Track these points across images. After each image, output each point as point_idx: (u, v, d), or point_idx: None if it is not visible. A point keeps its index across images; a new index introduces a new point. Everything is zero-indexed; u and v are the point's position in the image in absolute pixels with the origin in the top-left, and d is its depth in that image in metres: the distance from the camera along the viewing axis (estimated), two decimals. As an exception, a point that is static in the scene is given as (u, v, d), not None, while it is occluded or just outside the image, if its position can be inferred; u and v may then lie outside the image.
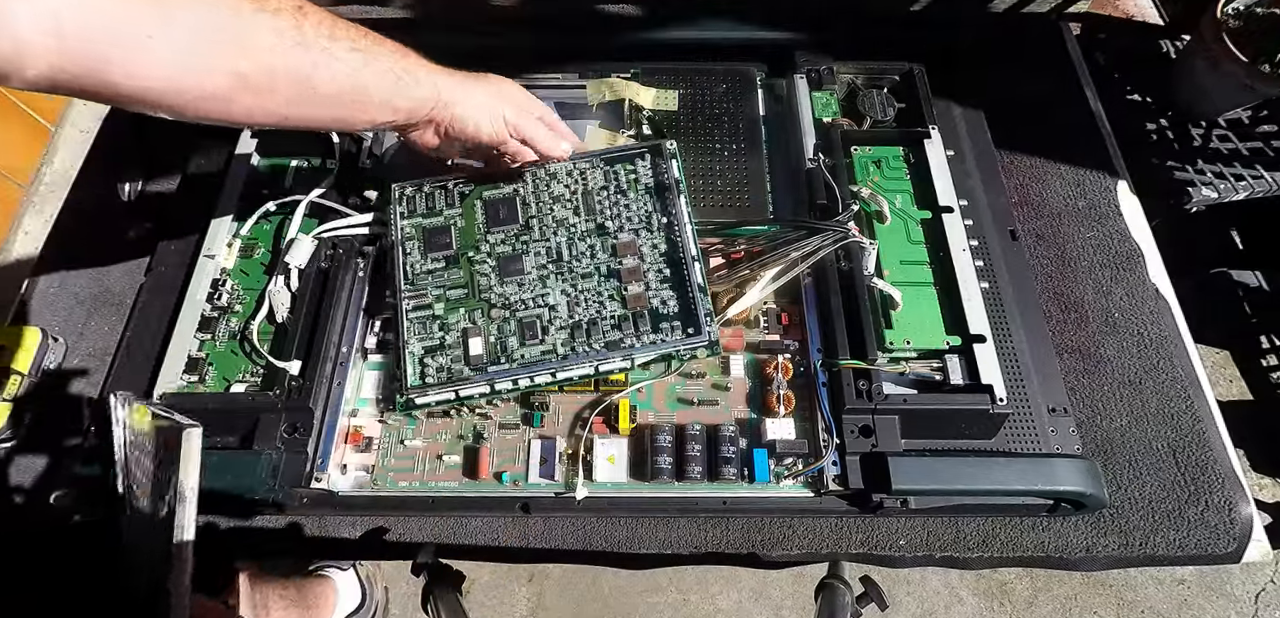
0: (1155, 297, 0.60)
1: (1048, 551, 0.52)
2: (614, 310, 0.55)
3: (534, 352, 0.53)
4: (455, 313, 0.55)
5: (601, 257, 0.57)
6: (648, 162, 0.61)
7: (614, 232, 0.58)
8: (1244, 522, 0.51)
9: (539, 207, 0.60)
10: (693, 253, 0.56)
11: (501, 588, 1.11)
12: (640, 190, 0.60)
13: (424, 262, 0.58)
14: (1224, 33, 0.84)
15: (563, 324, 0.54)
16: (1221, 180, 0.90)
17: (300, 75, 0.43)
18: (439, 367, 0.54)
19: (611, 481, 0.51)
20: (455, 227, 0.60)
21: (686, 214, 0.58)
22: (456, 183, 0.62)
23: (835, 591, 0.52)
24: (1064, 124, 0.70)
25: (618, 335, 0.54)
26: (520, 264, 0.57)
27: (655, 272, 0.56)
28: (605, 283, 0.56)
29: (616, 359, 0.53)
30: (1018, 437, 0.53)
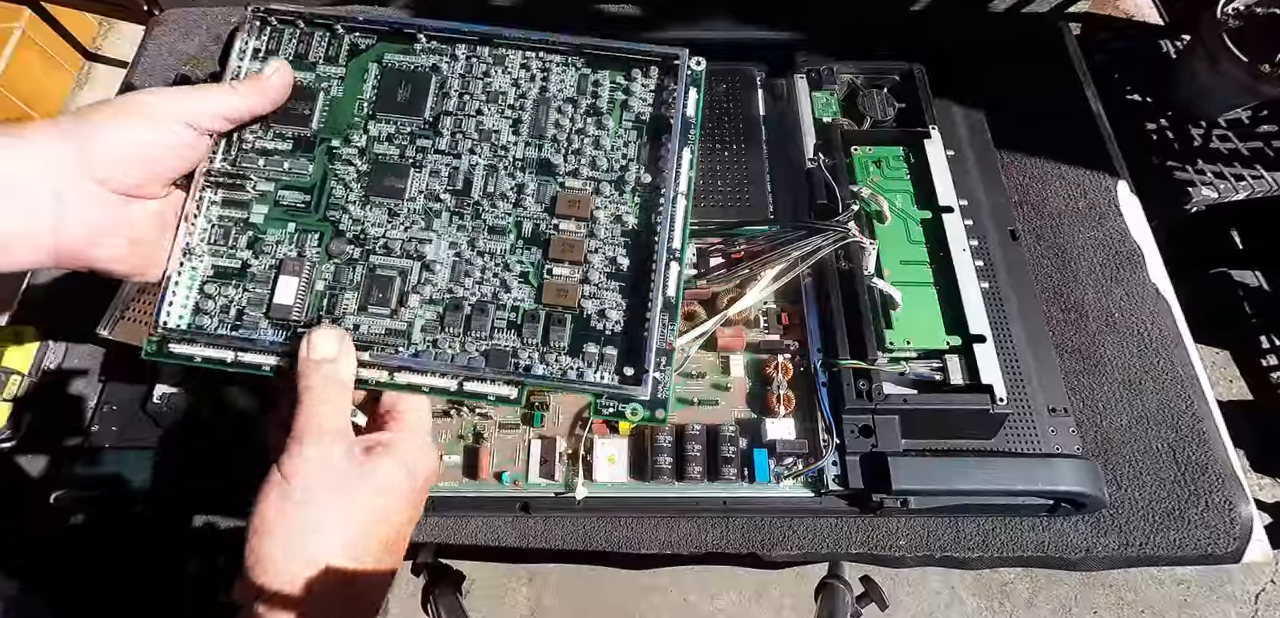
0: (1155, 297, 0.60)
1: (1048, 551, 0.52)
2: (520, 299, 0.38)
3: (375, 326, 0.37)
4: (279, 229, 0.39)
5: (530, 207, 0.39)
6: (652, 79, 0.42)
7: (562, 173, 0.40)
8: (1244, 522, 0.51)
9: (463, 100, 0.41)
10: (675, 246, 0.38)
11: (501, 588, 1.11)
12: (626, 121, 0.41)
13: (263, 131, 0.40)
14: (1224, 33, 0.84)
15: (434, 296, 0.38)
16: (1221, 180, 0.91)
17: None
18: (225, 304, 0.38)
19: (611, 480, 0.51)
20: (326, 94, 0.41)
21: (686, 180, 0.39)
22: (355, 27, 0.42)
23: (835, 591, 0.52)
24: (1064, 124, 0.70)
25: (509, 342, 0.37)
26: (401, 182, 0.39)
27: (605, 256, 0.39)
28: (522, 251, 0.39)
29: (490, 381, 0.36)
30: (1018, 437, 0.53)
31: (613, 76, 0.42)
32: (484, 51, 0.42)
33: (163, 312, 0.38)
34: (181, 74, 0.75)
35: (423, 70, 0.42)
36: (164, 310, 0.38)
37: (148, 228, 0.38)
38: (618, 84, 0.42)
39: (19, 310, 0.63)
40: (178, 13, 0.80)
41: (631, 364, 0.37)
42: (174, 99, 0.37)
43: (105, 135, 0.35)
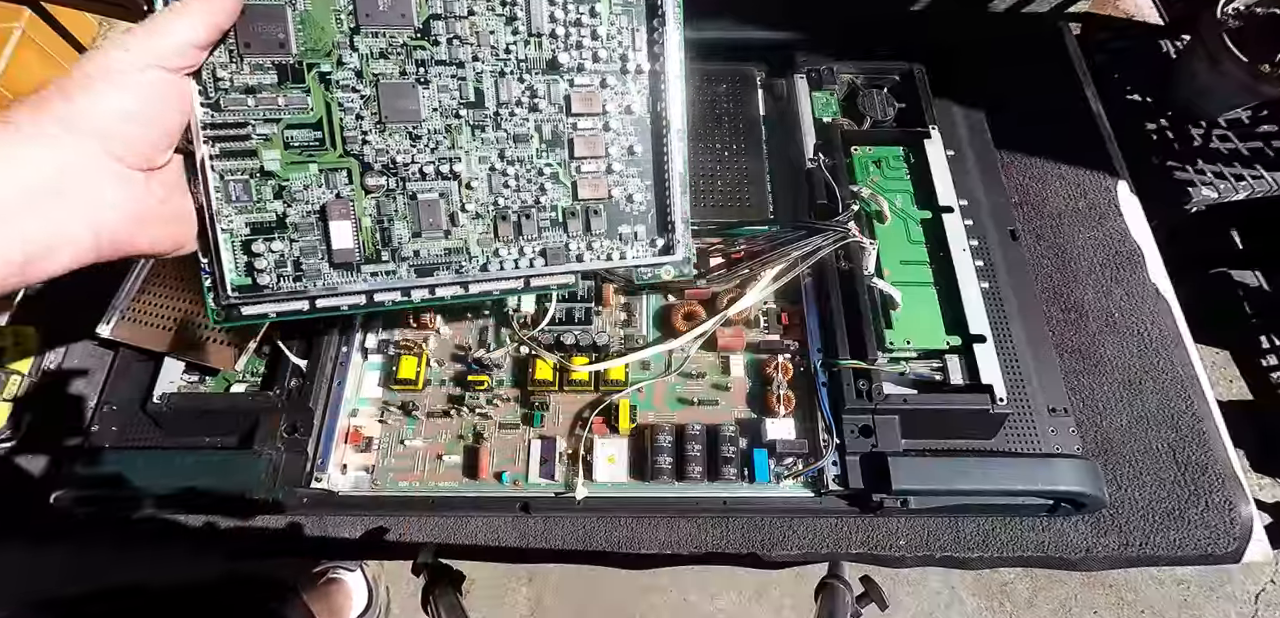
0: (1155, 297, 0.60)
1: (1048, 551, 0.52)
2: (557, 198, 0.40)
3: (434, 248, 0.39)
4: (302, 172, 0.38)
5: (547, 111, 0.41)
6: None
7: (568, 70, 0.41)
8: (1244, 522, 0.51)
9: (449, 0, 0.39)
10: (678, 125, 0.41)
11: (501, 588, 1.11)
12: (617, 7, 0.41)
13: (238, 65, 0.37)
14: (1224, 33, 0.84)
15: (480, 210, 0.40)
16: (1221, 180, 0.91)
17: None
18: (278, 258, 0.37)
19: (611, 480, 0.51)
20: (295, 7, 0.37)
21: (679, 62, 0.41)
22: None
23: (835, 591, 0.52)
24: (1064, 124, 0.70)
25: (560, 238, 0.40)
26: (412, 102, 0.39)
27: (622, 146, 0.41)
28: (549, 153, 0.41)
29: (556, 271, 0.40)
30: (1018, 437, 0.53)
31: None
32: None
33: (225, 277, 0.37)
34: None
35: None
36: (224, 278, 0.37)
37: (172, 198, 0.37)
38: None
39: (19, 310, 0.63)
40: (178, 13, 0.80)
41: (662, 236, 0.42)
42: (136, 50, 0.34)
43: (103, 109, 0.33)
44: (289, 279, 0.38)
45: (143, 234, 0.35)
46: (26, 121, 0.32)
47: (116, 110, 0.33)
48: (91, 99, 0.32)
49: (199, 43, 0.36)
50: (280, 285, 0.38)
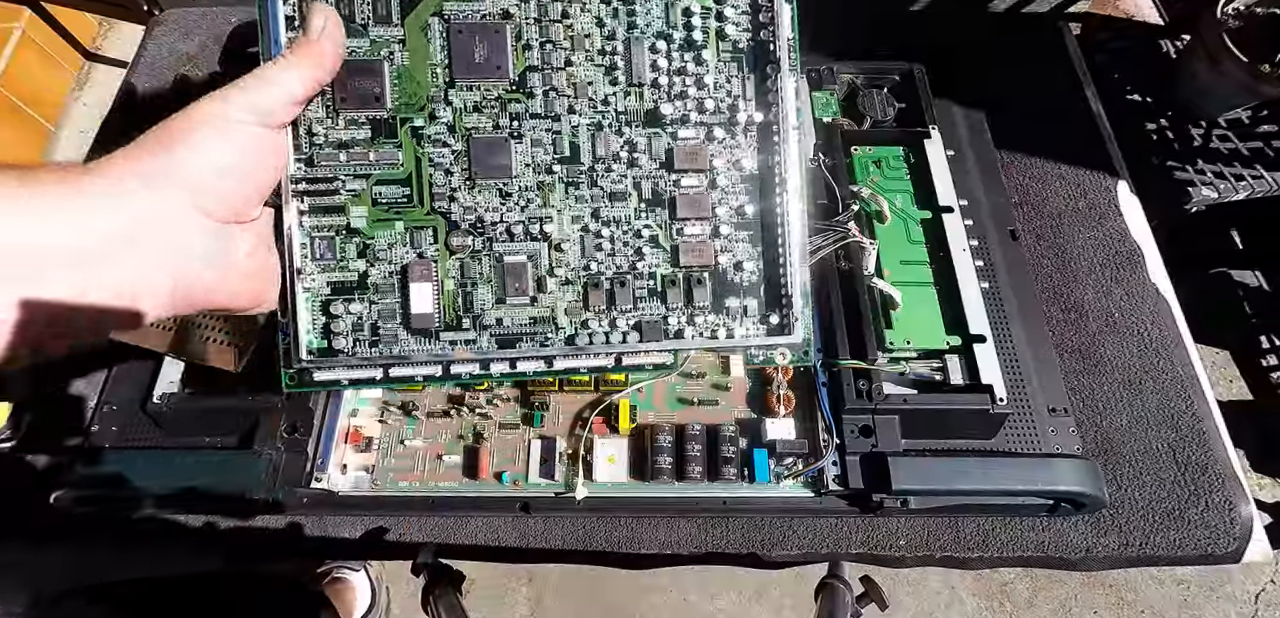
0: (1155, 297, 0.60)
1: (1048, 551, 0.52)
2: (655, 265, 0.37)
3: (520, 317, 0.36)
4: (387, 230, 0.36)
5: (645, 165, 0.37)
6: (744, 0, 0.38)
7: (670, 122, 0.38)
8: (1244, 522, 0.51)
9: (546, 49, 0.37)
10: (795, 183, 0.37)
11: (501, 588, 1.11)
12: (724, 52, 0.38)
13: (333, 121, 0.37)
14: (1224, 33, 0.84)
15: (570, 275, 0.37)
16: (1221, 180, 0.91)
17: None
18: (356, 321, 0.36)
19: (611, 480, 0.51)
20: (392, 62, 0.37)
21: (795, 111, 0.37)
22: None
23: (835, 591, 0.52)
24: (1064, 124, 0.70)
25: (657, 310, 0.36)
26: (505, 157, 0.37)
27: (730, 206, 0.37)
28: (647, 213, 0.37)
29: (652, 349, 0.36)
30: (1018, 437, 0.53)
31: (701, 1, 0.38)
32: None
33: (299, 342, 0.35)
34: (182, 75, 0.75)
35: (493, 20, 0.37)
36: (299, 339, 0.35)
37: (255, 254, 0.36)
38: (707, 9, 0.38)
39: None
40: (178, 13, 0.80)
41: (775, 311, 0.37)
42: (240, 101, 0.33)
43: (199, 162, 0.32)
44: (365, 344, 0.36)
45: (222, 288, 0.34)
46: (122, 170, 0.31)
47: (213, 164, 0.32)
48: (188, 150, 0.32)
49: (299, 98, 0.35)
50: (355, 350, 0.36)
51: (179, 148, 0.32)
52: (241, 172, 0.34)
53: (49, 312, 0.29)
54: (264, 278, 0.36)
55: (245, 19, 0.77)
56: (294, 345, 0.36)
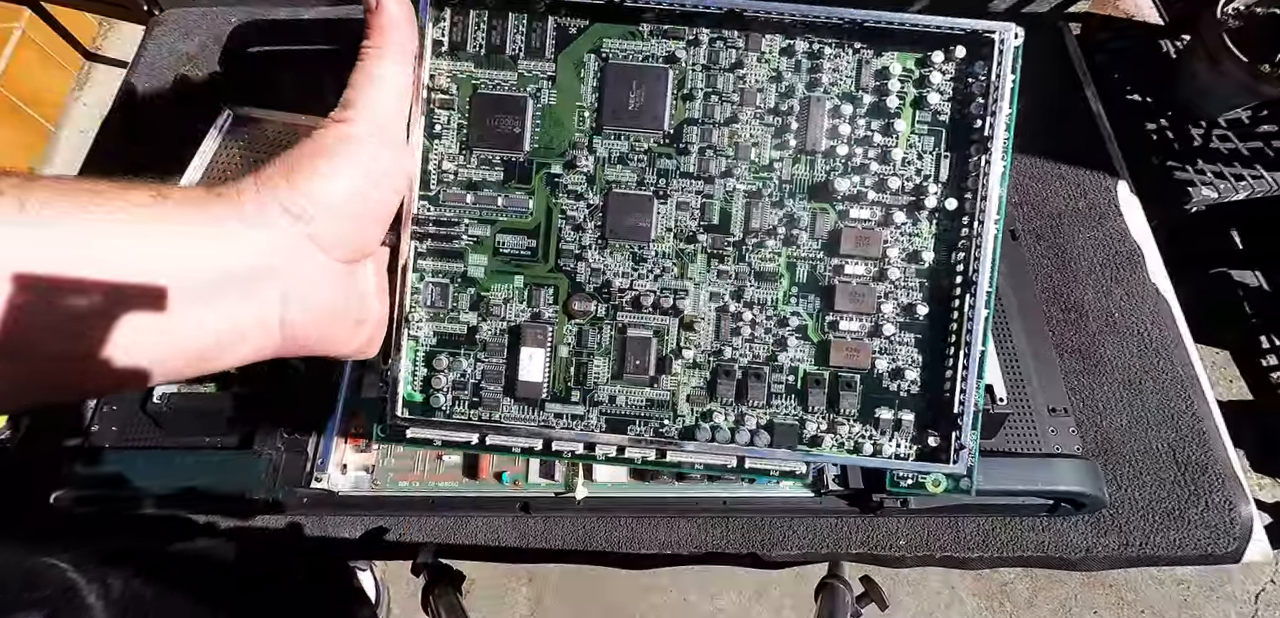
0: (1155, 297, 0.60)
1: (1048, 551, 0.52)
2: (798, 359, 0.33)
3: (633, 398, 0.33)
4: (505, 283, 0.33)
5: (804, 244, 0.33)
6: (953, 65, 0.32)
7: (841, 198, 0.33)
8: (1244, 522, 0.51)
9: (710, 102, 0.33)
10: (986, 288, 0.31)
11: (501, 588, 1.11)
12: (921, 124, 0.33)
13: (465, 158, 0.33)
14: (1224, 33, 0.84)
15: (699, 358, 0.33)
16: (1221, 180, 0.91)
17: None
18: (458, 379, 0.33)
19: (611, 480, 0.51)
20: (538, 98, 0.33)
21: (999, 200, 0.31)
22: (559, 2, 0.33)
23: (835, 591, 0.52)
24: (1064, 124, 0.70)
25: (794, 411, 0.32)
26: (644, 219, 0.33)
27: (898, 303, 0.33)
28: (798, 300, 0.33)
29: (780, 457, 0.33)
30: (1018, 437, 0.53)
31: (903, 61, 0.32)
32: (733, 33, 0.33)
33: (397, 393, 0.33)
34: (182, 75, 0.75)
35: (655, 63, 0.33)
36: (398, 392, 0.33)
37: (368, 296, 0.33)
38: (908, 72, 0.32)
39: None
40: (178, 13, 0.80)
41: (935, 430, 0.32)
42: (362, 116, 0.30)
43: (325, 193, 0.29)
44: (464, 404, 0.33)
45: (331, 333, 0.31)
46: (247, 198, 0.28)
47: (339, 193, 0.29)
48: (311, 181, 0.29)
49: (403, 88, 0.32)
50: (453, 410, 0.33)
51: (301, 179, 0.29)
52: (366, 199, 0.31)
53: (156, 346, 0.26)
54: (370, 325, 0.33)
55: (245, 19, 0.77)
56: (388, 398, 0.33)
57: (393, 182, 0.32)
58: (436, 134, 0.34)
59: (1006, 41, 0.32)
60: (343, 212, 0.30)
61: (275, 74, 0.74)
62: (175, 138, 0.68)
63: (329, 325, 0.31)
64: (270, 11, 0.79)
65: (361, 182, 0.30)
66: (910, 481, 0.34)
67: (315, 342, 0.31)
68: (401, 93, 0.31)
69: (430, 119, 0.34)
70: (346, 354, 0.33)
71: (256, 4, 0.80)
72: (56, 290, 0.24)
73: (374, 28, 0.31)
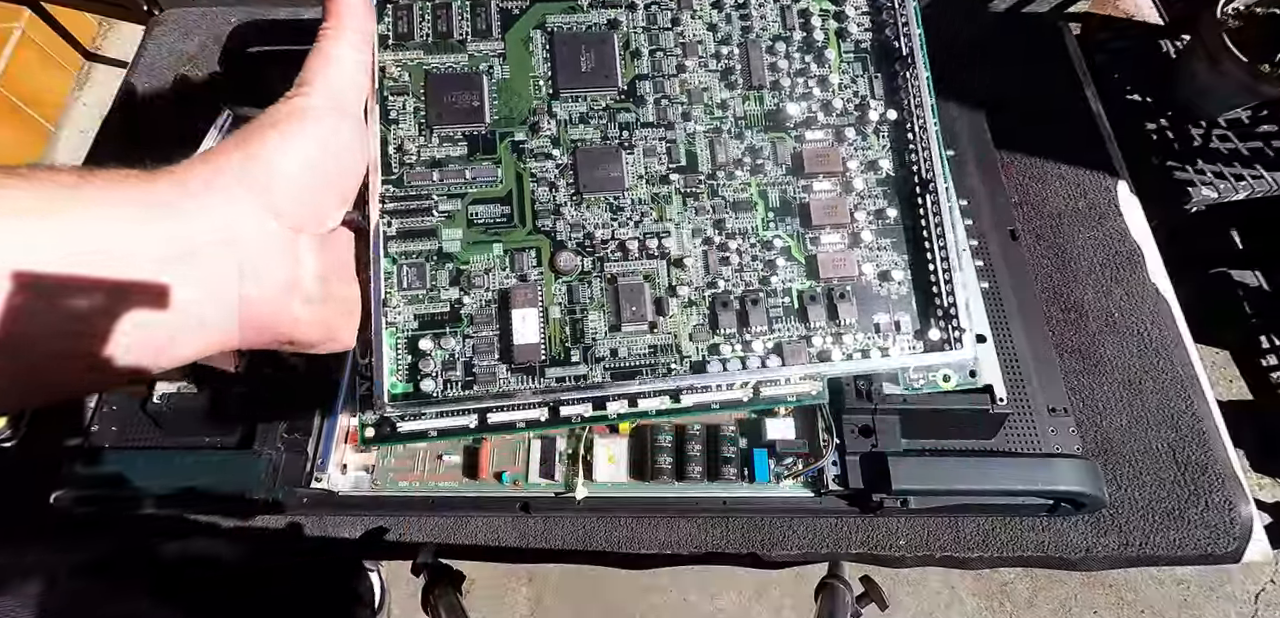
0: (1155, 297, 0.60)
1: (1048, 551, 0.52)
2: (790, 279, 0.33)
3: (637, 346, 0.32)
4: (484, 253, 0.33)
5: (770, 171, 0.35)
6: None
7: (795, 125, 0.35)
8: (1244, 522, 0.51)
9: (656, 57, 0.35)
10: (944, 183, 0.34)
11: (501, 588, 1.11)
12: (847, 52, 0.36)
13: (426, 138, 0.34)
14: (1224, 33, 0.84)
15: (693, 296, 0.33)
16: (1221, 180, 0.91)
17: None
18: (447, 359, 0.31)
19: (611, 480, 0.51)
20: (491, 75, 0.34)
21: (931, 106, 0.35)
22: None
23: (835, 591, 0.52)
24: (1064, 124, 0.70)
25: (798, 329, 0.33)
26: (615, 166, 0.34)
27: (869, 211, 0.34)
28: (778, 223, 0.34)
29: (795, 373, 0.32)
30: (1018, 437, 0.53)
31: (818, 2, 0.37)
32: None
33: (380, 386, 0.30)
34: (182, 75, 0.75)
35: (598, 29, 0.35)
36: (381, 384, 0.30)
37: (333, 280, 0.31)
38: (826, 11, 0.37)
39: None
40: (178, 13, 0.80)
41: (934, 325, 0.33)
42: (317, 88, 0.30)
43: (277, 159, 0.28)
44: (457, 385, 0.31)
45: (287, 307, 0.29)
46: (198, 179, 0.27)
47: (293, 158, 0.29)
48: (265, 147, 0.28)
49: (360, 65, 0.32)
50: (447, 393, 0.31)
51: (254, 145, 0.28)
52: (322, 168, 0.30)
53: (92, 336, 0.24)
54: (339, 310, 0.32)
55: (245, 19, 0.77)
56: (372, 388, 0.31)
57: (352, 155, 0.32)
58: (393, 119, 0.34)
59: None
60: (299, 180, 0.29)
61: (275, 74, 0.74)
62: (175, 138, 0.68)
63: (286, 297, 0.29)
64: (270, 11, 0.79)
65: (318, 152, 0.30)
66: (921, 380, 0.37)
67: (274, 325, 0.29)
68: (358, 72, 0.32)
69: (385, 107, 0.34)
70: (313, 344, 0.31)
71: (256, 4, 0.80)
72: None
73: (331, 11, 0.32)
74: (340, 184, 0.31)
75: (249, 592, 0.60)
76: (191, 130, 0.69)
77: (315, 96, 0.30)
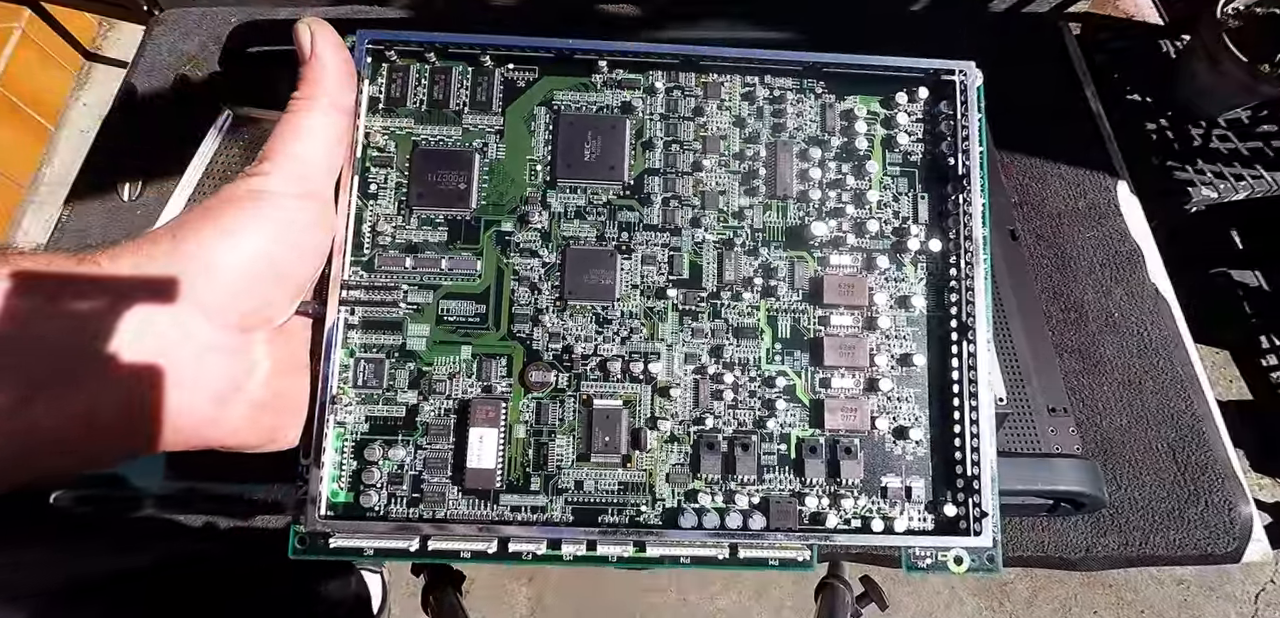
0: (1155, 297, 0.60)
1: (1048, 551, 0.52)
2: (790, 424, 0.30)
3: (604, 481, 0.29)
4: (449, 355, 0.30)
5: (784, 296, 0.31)
6: (919, 104, 0.32)
7: (819, 245, 0.31)
8: (1244, 522, 0.51)
9: (671, 151, 0.31)
10: (985, 333, 0.29)
11: (501, 588, 1.11)
12: (892, 165, 0.32)
13: (404, 218, 0.31)
14: (1224, 33, 0.84)
15: (677, 430, 0.29)
16: (1221, 180, 0.91)
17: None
18: (394, 471, 0.29)
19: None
20: (484, 153, 0.31)
21: (982, 238, 0.30)
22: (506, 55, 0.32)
23: (835, 591, 0.52)
24: (1064, 124, 0.70)
25: (790, 485, 0.29)
26: (609, 272, 0.30)
27: (892, 355, 0.30)
28: (782, 356, 0.30)
29: (779, 540, 0.28)
30: (1018, 437, 0.53)
31: (867, 103, 0.32)
32: (689, 80, 0.32)
33: (316, 493, 0.28)
34: (182, 75, 0.75)
35: (610, 113, 0.31)
36: (316, 491, 0.28)
37: (278, 376, 0.28)
38: (874, 114, 0.32)
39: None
40: (178, 13, 0.80)
41: (950, 499, 0.29)
42: (278, 166, 0.27)
43: (217, 251, 0.25)
44: (401, 501, 0.28)
45: (222, 418, 0.26)
46: (117, 261, 0.24)
47: (245, 251, 0.26)
48: (198, 241, 0.25)
49: (332, 140, 0.29)
50: (389, 510, 0.28)
51: (193, 235, 0.25)
52: (275, 260, 0.27)
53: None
54: (283, 410, 0.29)
55: (245, 19, 0.77)
56: (304, 495, 0.28)
57: (312, 242, 0.28)
58: (372, 194, 0.31)
59: (969, 81, 0.33)
60: (242, 276, 0.26)
61: (275, 74, 0.74)
62: (175, 138, 0.68)
63: (219, 408, 0.26)
64: (270, 11, 0.79)
65: (269, 242, 0.27)
66: (929, 560, 0.29)
67: (199, 428, 0.26)
68: (330, 148, 0.29)
69: (365, 179, 0.31)
70: (249, 447, 0.28)
71: (256, 4, 0.80)
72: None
73: (306, 77, 0.29)
74: (295, 276, 0.28)
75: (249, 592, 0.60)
76: (191, 130, 0.69)
77: (275, 178, 0.27)
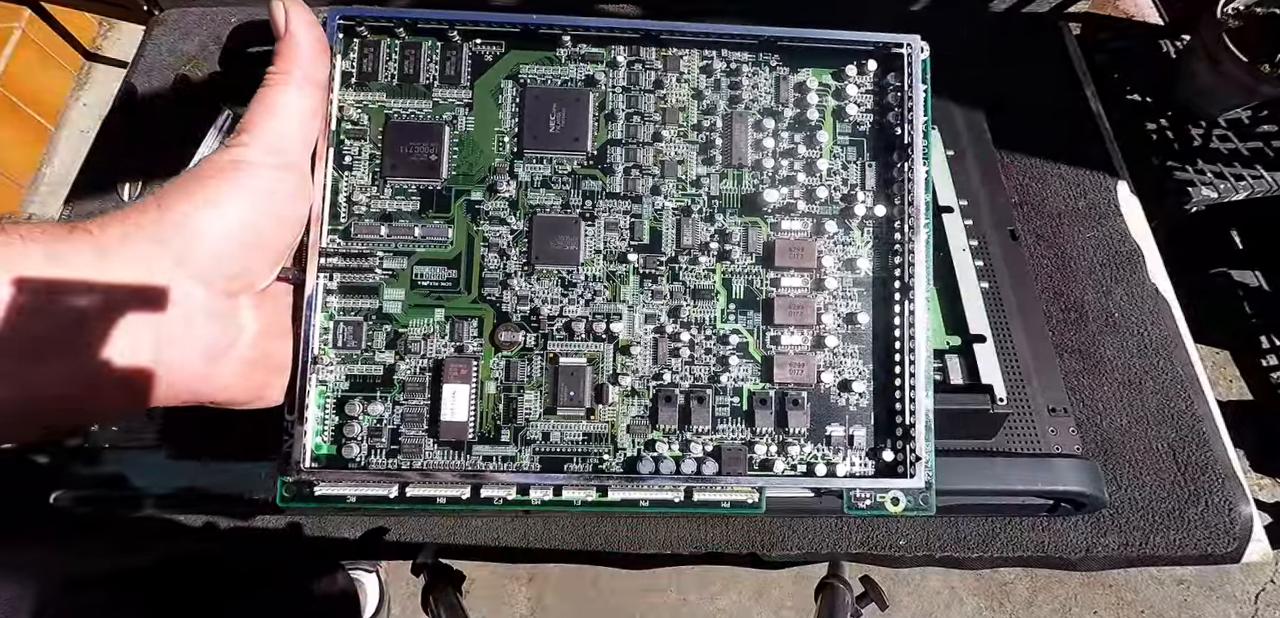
0: (1155, 297, 0.60)
1: (1048, 551, 0.52)
2: (742, 378, 0.32)
3: (569, 433, 0.31)
4: (423, 317, 0.32)
5: (738, 259, 0.33)
6: (869, 76, 0.35)
7: (772, 211, 0.33)
8: (1244, 522, 0.51)
9: (632, 122, 0.33)
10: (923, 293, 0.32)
11: (501, 588, 1.11)
12: (842, 134, 0.34)
13: (379, 189, 0.32)
14: (1224, 33, 0.84)
15: (637, 385, 0.32)
16: (1221, 180, 0.91)
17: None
18: (373, 425, 0.31)
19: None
20: (454, 125, 0.33)
21: (925, 204, 0.32)
22: (474, 31, 0.33)
23: (835, 591, 0.52)
24: (1064, 124, 0.70)
25: (742, 434, 0.31)
26: (571, 241, 0.32)
27: (839, 313, 0.33)
28: (736, 316, 0.32)
29: (731, 483, 0.31)
30: (1018, 437, 0.53)
31: (819, 76, 0.35)
32: (650, 54, 0.34)
33: (299, 446, 0.30)
34: (182, 75, 0.75)
35: (574, 86, 0.33)
36: (300, 444, 0.30)
37: (264, 339, 0.30)
38: (826, 86, 0.35)
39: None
40: (178, 13, 0.80)
41: (888, 445, 0.32)
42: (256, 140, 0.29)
43: (202, 219, 0.27)
44: (381, 453, 0.31)
45: (214, 374, 0.28)
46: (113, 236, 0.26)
47: (229, 219, 0.27)
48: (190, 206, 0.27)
49: (307, 114, 0.30)
50: (369, 460, 0.31)
51: (179, 203, 0.27)
52: (256, 228, 0.29)
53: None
54: (269, 369, 0.31)
55: (245, 19, 0.77)
56: (289, 450, 0.30)
57: (290, 210, 0.30)
58: (346, 165, 0.33)
59: (914, 53, 0.35)
60: (225, 242, 0.28)
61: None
62: (175, 138, 0.68)
63: (211, 365, 0.28)
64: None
65: (250, 210, 0.28)
66: (868, 501, 0.32)
67: (192, 384, 0.28)
68: (305, 120, 0.30)
69: (340, 151, 0.32)
70: (238, 402, 0.30)
71: (256, 4, 0.80)
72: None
73: (281, 53, 0.30)
74: (275, 243, 0.30)
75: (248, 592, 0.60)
76: (191, 130, 0.69)
77: (254, 149, 0.29)
